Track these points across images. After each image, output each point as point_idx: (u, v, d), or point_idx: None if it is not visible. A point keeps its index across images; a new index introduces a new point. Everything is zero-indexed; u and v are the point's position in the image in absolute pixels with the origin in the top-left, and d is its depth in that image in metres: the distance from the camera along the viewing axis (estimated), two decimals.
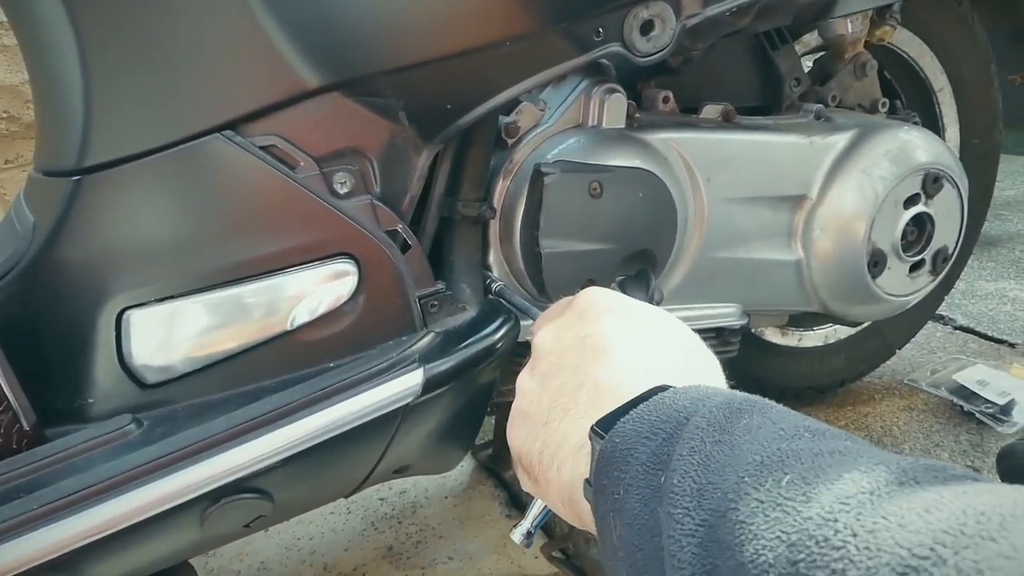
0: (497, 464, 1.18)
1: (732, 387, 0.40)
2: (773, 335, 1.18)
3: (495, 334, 0.69)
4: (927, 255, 0.89)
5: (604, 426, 0.36)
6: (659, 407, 0.35)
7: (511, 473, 1.03)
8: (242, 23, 0.60)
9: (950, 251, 0.91)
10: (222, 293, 0.63)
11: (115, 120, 0.60)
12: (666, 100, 0.84)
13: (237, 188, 0.62)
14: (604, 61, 0.63)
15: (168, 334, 0.63)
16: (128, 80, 0.59)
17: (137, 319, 0.62)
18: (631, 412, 0.35)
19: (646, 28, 0.60)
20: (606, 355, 0.41)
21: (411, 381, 0.63)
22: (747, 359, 1.15)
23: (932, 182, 0.86)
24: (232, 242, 0.62)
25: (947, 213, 0.89)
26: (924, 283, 0.92)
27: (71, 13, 0.57)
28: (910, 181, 0.85)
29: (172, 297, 0.62)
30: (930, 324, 1.51)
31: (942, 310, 1.53)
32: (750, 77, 0.93)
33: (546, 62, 0.59)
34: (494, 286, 0.73)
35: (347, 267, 0.64)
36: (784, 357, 1.19)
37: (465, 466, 1.20)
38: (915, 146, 0.87)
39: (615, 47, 0.59)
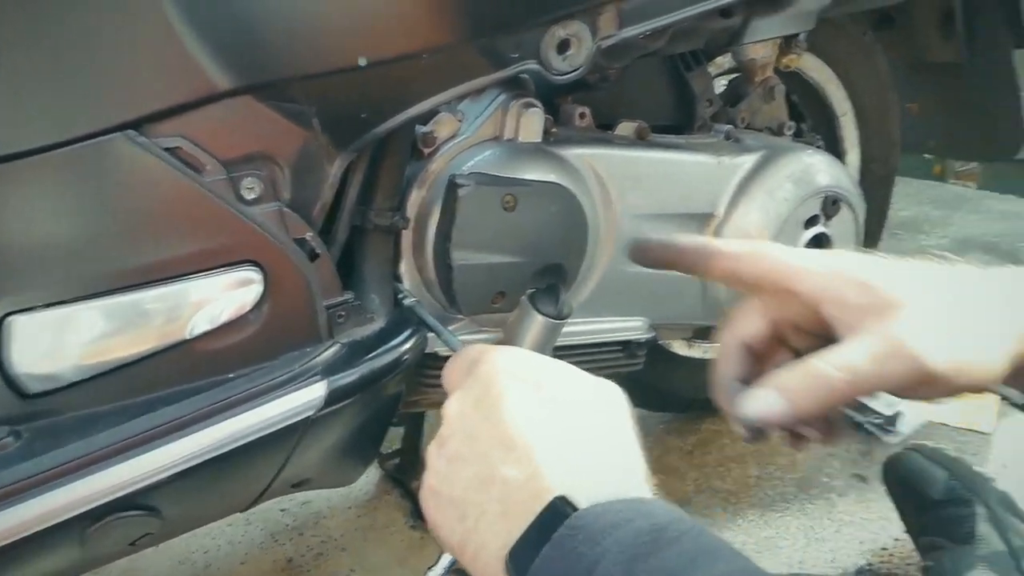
0: (404, 474, 1.17)
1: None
2: (680, 347, 1.20)
3: (402, 346, 0.68)
4: None
5: (517, 560, 0.37)
6: (568, 548, 0.36)
7: (417, 483, 1.02)
8: (149, 18, 0.57)
9: None
10: (117, 299, 0.60)
11: (9, 113, 0.56)
12: (583, 116, 0.85)
13: (138, 190, 0.59)
14: (523, 76, 0.63)
15: (55, 341, 0.60)
16: (25, 71, 0.56)
17: (20, 325, 0.59)
18: (542, 553, 0.36)
19: (563, 47, 0.60)
20: (513, 448, 0.41)
21: (313, 393, 0.62)
22: (655, 371, 1.17)
23: (831, 204, 0.90)
24: (131, 246, 0.60)
25: (844, 234, 0.93)
26: None
27: None
28: (811, 203, 0.89)
29: (63, 302, 0.59)
30: None
31: None
32: (665, 96, 0.95)
33: (463, 76, 0.58)
34: (406, 301, 0.72)
35: (252, 275, 0.63)
36: (690, 369, 1.22)
37: (371, 476, 1.19)
38: (817, 169, 0.90)
39: (532, 64, 0.59)
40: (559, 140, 0.80)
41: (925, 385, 0.45)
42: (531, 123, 0.76)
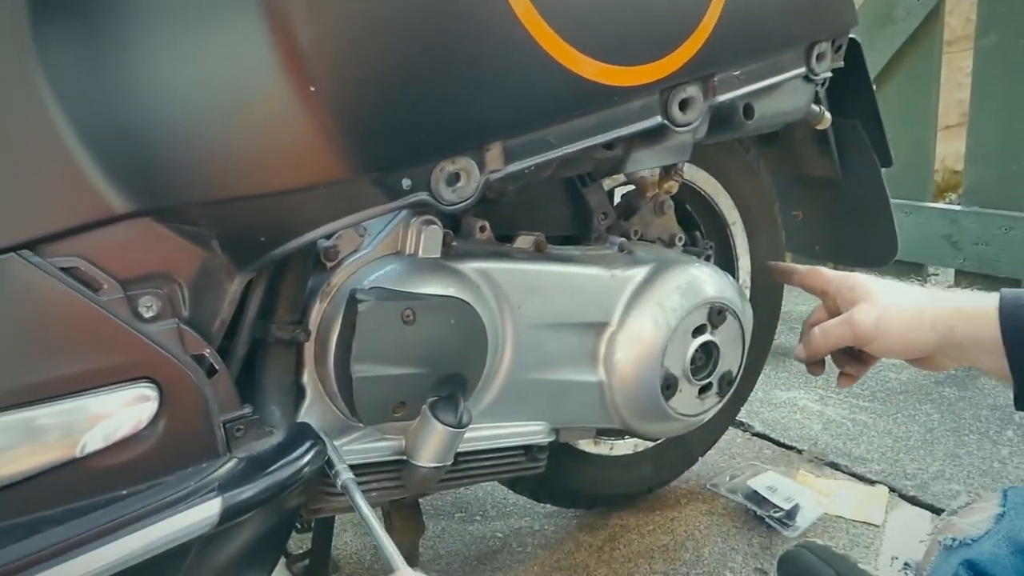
0: None
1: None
2: (586, 444, 1.24)
3: (301, 459, 0.69)
4: (714, 379, 0.99)
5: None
6: None
7: None
8: (46, 142, 0.59)
9: (734, 375, 1.01)
10: (9, 416, 0.60)
11: None
12: (483, 229, 0.90)
13: (33, 308, 0.60)
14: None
15: None
16: None
17: None
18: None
19: (452, 180, 0.65)
20: None
21: (207, 511, 0.62)
22: (561, 469, 1.20)
23: (717, 314, 0.96)
24: (25, 363, 0.60)
25: (730, 341, 0.99)
26: (712, 403, 1.01)
27: None
28: (698, 313, 0.95)
29: None
30: (732, 430, 1.63)
31: (743, 417, 1.67)
32: (563, 209, 1.01)
33: (356, 206, 0.62)
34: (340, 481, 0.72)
35: (148, 391, 0.63)
36: (596, 466, 1.25)
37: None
38: (703, 281, 0.97)
39: (422, 196, 0.64)
40: (459, 254, 0.85)
41: (867, 343, 0.83)
42: (430, 239, 0.80)
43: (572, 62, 0.65)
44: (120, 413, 0.63)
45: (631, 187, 1.11)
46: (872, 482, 1.43)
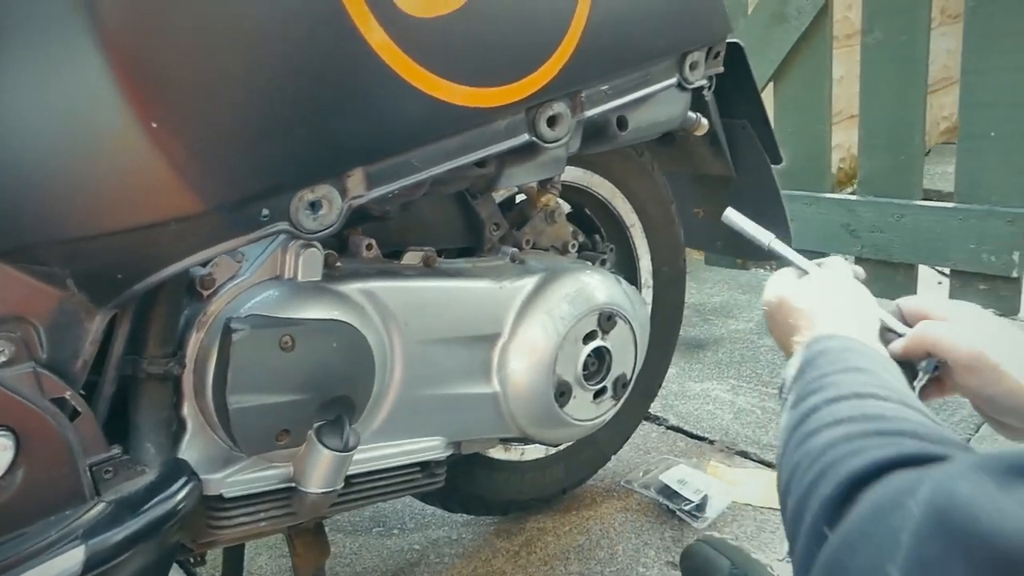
0: None
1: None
2: (497, 451, 1.24)
3: (175, 497, 0.68)
4: (608, 383, 1.01)
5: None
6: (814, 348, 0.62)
7: None
8: None
9: (628, 377, 1.03)
10: None
11: None
12: (369, 247, 0.89)
13: None
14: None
15: None
16: None
17: None
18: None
19: (313, 208, 0.64)
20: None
21: (70, 560, 0.60)
22: (472, 478, 1.20)
23: (606, 320, 0.98)
24: None
25: (622, 345, 1.01)
26: (608, 407, 1.03)
27: None
28: (587, 320, 0.96)
29: None
30: (647, 425, 1.67)
31: (657, 411, 1.70)
32: (454, 222, 1.01)
33: (214, 239, 0.61)
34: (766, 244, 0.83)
35: (3, 440, 0.61)
36: (508, 472, 1.26)
37: None
38: (592, 288, 0.98)
39: (282, 225, 0.63)
40: (343, 274, 0.84)
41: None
42: (309, 262, 0.79)
43: (431, 87, 0.65)
44: None
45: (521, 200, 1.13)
46: None
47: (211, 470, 0.77)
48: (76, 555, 0.60)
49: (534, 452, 1.30)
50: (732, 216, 0.83)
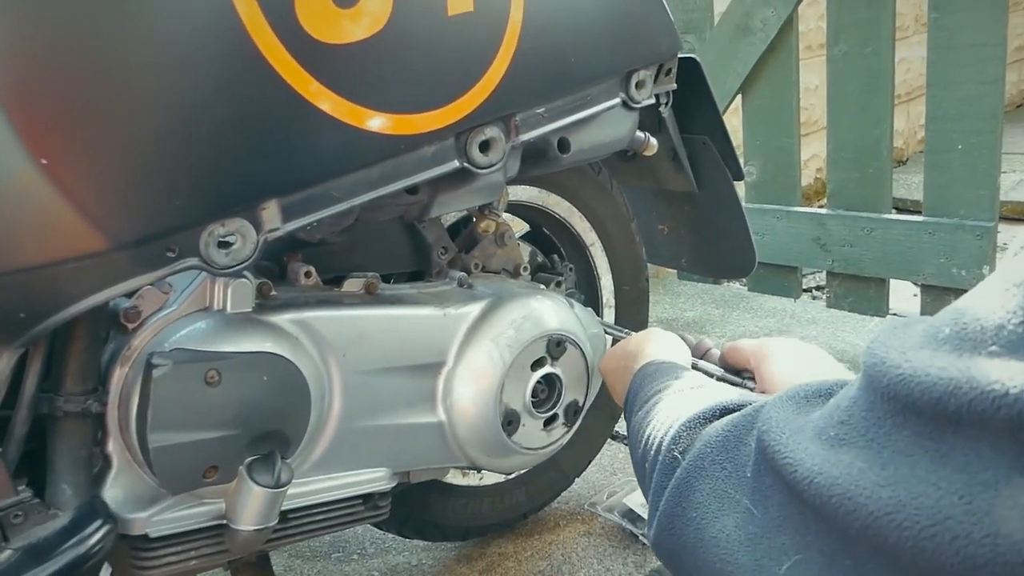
0: None
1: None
2: (453, 476, 1.22)
3: (89, 539, 0.65)
4: (559, 410, 0.99)
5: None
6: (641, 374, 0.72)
7: None
8: None
9: (581, 403, 1.01)
10: None
11: None
12: (308, 275, 0.87)
13: None
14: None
15: None
16: None
17: None
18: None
19: (224, 244, 0.62)
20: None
21: None
22: (428, 505, 1.18)
23: (556, 346, 0.96)
24: None
25: (573, 372, 0.99)
26: (560, 434, 1.00)
27: None
28: (535, 346, 0.94)
29: None
30: (614, 446, 1.64)
31: (621, 429, 1.68)
32: (400, 247, 0.99)
33: (119, 276, 0.59)
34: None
35: None
36: (466, 497, 1.24)
37: None
38: (541, 313, 0.96)
39: (192, 261, 0.61)
40: (277, 304, 0.82)
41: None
42: (239, 293, 0.77)
43: (348, 115, 0.63)
44: None
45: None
46: None
47: (137, 508, 0.75)
48: None
49: (493, 477, 1.28)
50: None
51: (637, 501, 1.39)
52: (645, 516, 1.36)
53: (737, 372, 0.81)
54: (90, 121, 0.54)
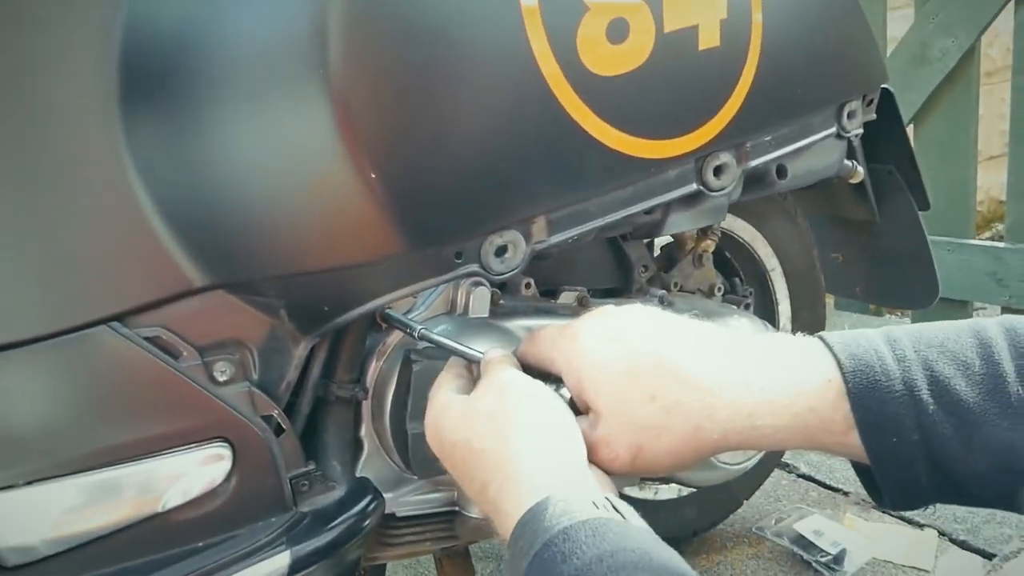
0: None
1: None
2: (631, 489, 1.26)
3: (363, 513, 0.74)
4: None
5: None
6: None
7: None
8: (133, 222, 0.65)
9: None
10: (96, 476, 0.66)
11: (1, 307, 0.63)
12: (528, 286, 0.94)
13: (120, 377, 0.66)
14: None
15: (34, 517, 0.65)
16: (19, 269, 0.63)
17: (2, 502, 0.63)
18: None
19: (500, 252, 0.69)
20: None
21: (279, 563, 0.67)
22: None
23: None
24: (111, 428, 0.66)
25: None
26: (753, 452, 1.03)
27: None
28: None
29: (44, 480, 0.64)
30: (778, 472, 1.64)
31: (787, 458, 1.67)
32: (604, 264, 1.05)
33: (413, 278, 0.67)
34: (418, 330, 0.73)
35: (222, 451, 0.69)
36: (642, 510, 1.27)
37: None
38: (743, 332, 0.99)
39: (473, 267, 0.68)
40: (505, 311, 0.89)
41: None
42: (479, 299, 0.84)
43: (613, 140, 0.69)
44: (198, 471, 0.68)
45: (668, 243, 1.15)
46: (921, 526, 1.42)
47: (384, 490, 0.83)
48: (283, 559, 0.67)
49: (667, 492, 1.31)
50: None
51: (808, 527, 1.39)
52: (817, 543, 1.35)
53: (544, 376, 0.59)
54: (415, 143, 0.62)
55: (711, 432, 0.51)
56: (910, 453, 0.49)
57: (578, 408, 0.55)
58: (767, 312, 1.34)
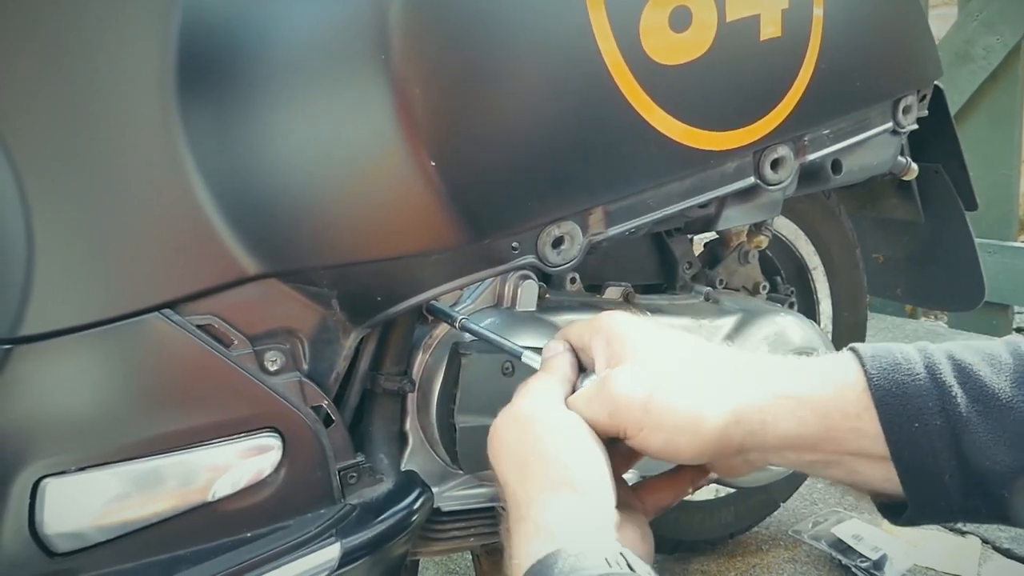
0: None
1: None
2: None
3: (411, 507, 0.73)
4: None
5: None
6: None
7: None
8: (187, 210, 0.65)
9: None
10: (146, 464, 0.65)
11: (56, 292, 0.63)
12: (573, 281, 0.93)
13: (171, 364, 0.65)
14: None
15: (85, 503, 0.64)
16: (74, 255, 0.63)
17: (54, 488, 0.63)
18: None
19: (557, 243, 0.68)
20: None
21: (329, 555, 0.66)
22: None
23: None
24: (161, 415, 0.65)
25: None
26: None
27: (19, 180, 0.60)
28: None
29: (94, 466, 0.64)
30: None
31: None
32: (649, 259, 1.03)
33: (468, 270, 0.66)
34: (459, 320, 0.75)
35: (272, 441, 0.68)
36: (678, 511, 1.26)
37: None
38: (789, 329, 0.98)
39: (530, 259, 0.67)
40: (551, 306, 0.88)
41: (631, 433, 0.54)
42: (526, 293, 0.83)
43: (672, 131, 0.68)
44: (247, 460, 0.67)
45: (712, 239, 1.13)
46: (963, 533, 1.39)
47: (430, 483, 0.82)
48: (334, 551, 0.66)
49: (704, 493, 1.29)
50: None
51: (847, 532, 1.36)
52: (856, 548, 1.33)
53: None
54: (476, 132, 0.61)
55: (734, 396, 0.52)
56: (933, 442, 0.47)
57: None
58: (808, 312, 1.31)
